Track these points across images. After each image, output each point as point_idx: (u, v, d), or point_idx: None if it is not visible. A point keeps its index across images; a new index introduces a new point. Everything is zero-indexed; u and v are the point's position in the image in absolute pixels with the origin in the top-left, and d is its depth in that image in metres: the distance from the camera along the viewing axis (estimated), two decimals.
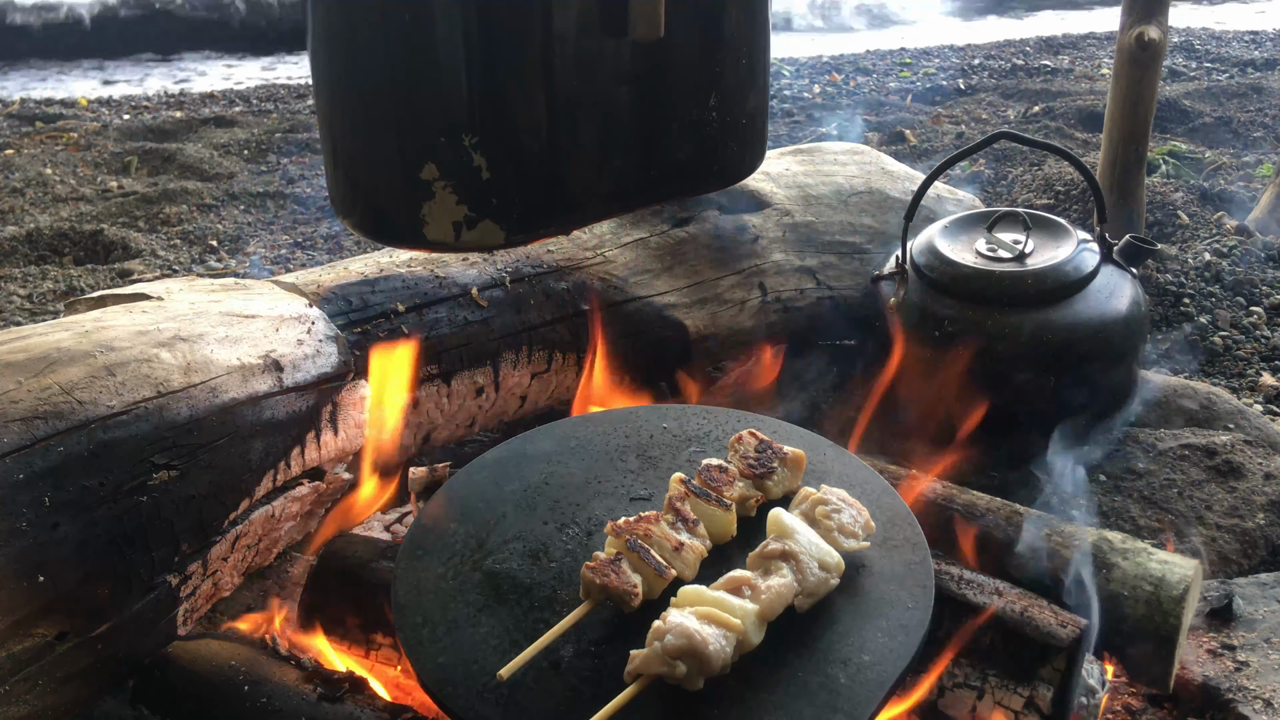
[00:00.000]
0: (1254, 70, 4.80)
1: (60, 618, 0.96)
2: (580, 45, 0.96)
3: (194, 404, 1.10)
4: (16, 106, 4.76)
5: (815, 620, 0.93)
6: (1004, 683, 1.02)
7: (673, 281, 1.64)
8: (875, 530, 1.01)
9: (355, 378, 1.29)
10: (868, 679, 0.87)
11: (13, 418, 0.97)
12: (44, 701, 0.96)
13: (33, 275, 2.65)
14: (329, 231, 3.03)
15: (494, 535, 1.05)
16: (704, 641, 0.84)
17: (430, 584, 0.99)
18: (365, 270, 1.42)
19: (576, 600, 0.94)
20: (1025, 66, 5.11)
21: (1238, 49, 5.39)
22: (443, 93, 0.94)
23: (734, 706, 0.85)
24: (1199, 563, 1.17)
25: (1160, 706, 1.15)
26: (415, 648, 0.92)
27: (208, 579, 1.13)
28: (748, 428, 1.20)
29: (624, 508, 1.08)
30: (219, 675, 1.05)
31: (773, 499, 1.07)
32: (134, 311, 1.20)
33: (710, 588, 0.90)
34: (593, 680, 0.88)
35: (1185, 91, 4.15)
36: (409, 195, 0.98)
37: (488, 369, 1.44)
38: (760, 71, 1.12)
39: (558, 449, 1.20)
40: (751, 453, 1.09)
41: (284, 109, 4.71)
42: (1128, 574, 1.13)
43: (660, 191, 1.12)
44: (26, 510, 0.94)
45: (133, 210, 3.16)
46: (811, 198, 1.84)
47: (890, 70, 5.24)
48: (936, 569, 1.02)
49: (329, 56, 0.99)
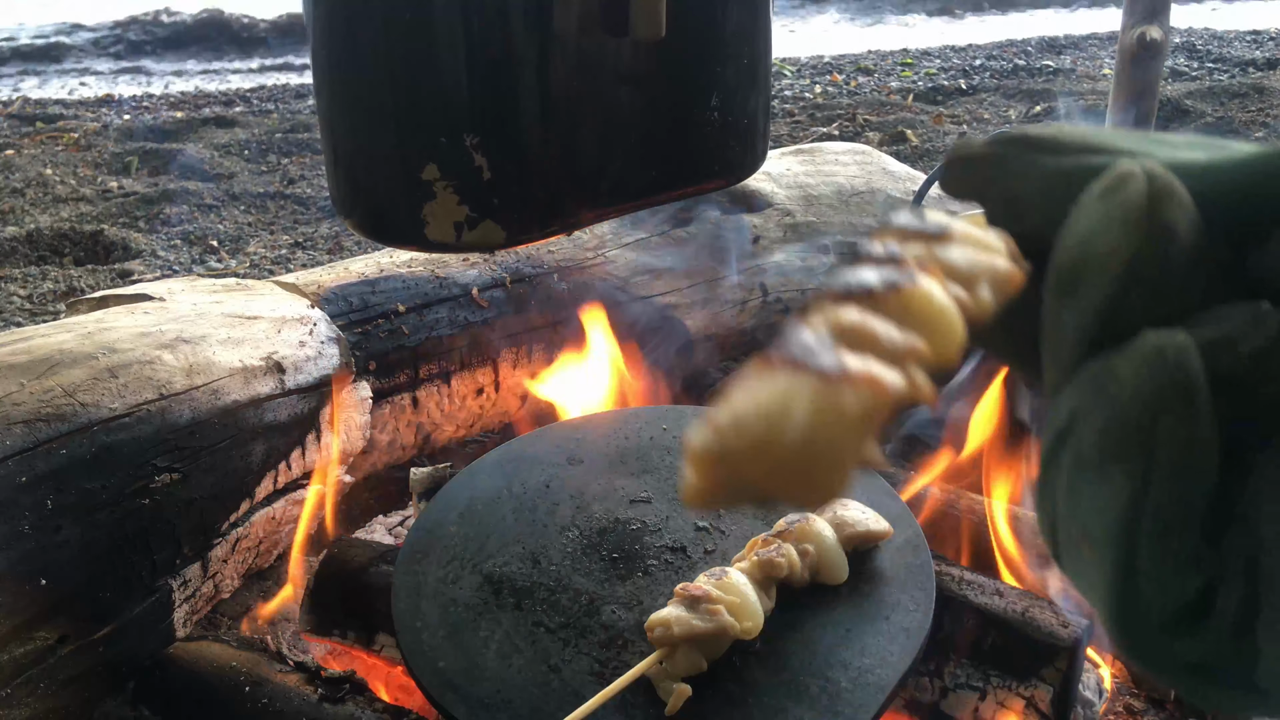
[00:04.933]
0: (1255, 70, 4.80)
1: (62, 621, 0.96)
2: (581, 45, 0.96)
3: (196, 406, 1.10)
4: (16, 106, 4.75)
5: (815, 622, 0.93)
6: (1005, 683, 1.02)
7: (673, 281, 1.64)
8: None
9: (356, 379, 1.29)
10: (868, 682, 0.87)
11: (15, 420, 0.97)
12: (45, 704, 0.96)
13: (33, 275, 2.65)
14: (329, 231, 3.03)
15: (494, 538, 1.05)
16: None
17: (430, 587, 0.99)
18: (365, 270, 1.42)
19: (576, 603, 0.94)
20: (1027, 66, 5.10)
21: (1239, 49, 5.39)
22: (443, 93, 0.94)
23: (733, 710, 0.85)
24: None
25: (1162, 707, 1.15)
26: (415, 652, 0.92)
27: (208, 581, 1.13)
28: None
29: (624, 510, 1.08)
30: (220, 676, 1.05)
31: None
32: (136, 313, 1.20)
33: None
34: (595, 685, 0.88)
35: (1187, 91, 4.15)
36: (410, 195, 0.97)
37: (489, 369, 1.44)
38: (762, 71, 1.12)
39: (558, 450, 1.20)
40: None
41: (284, 109, 4.71)
42: None
43: (661, 191, 1.12)
44: (29, 513, 0.94)
45: (133, 210, 3.15)
46: (812, 198, 1.84)
47: (892, 70, 5.24)
48: (937, 570, 1.02)
49: (329, 57, 0.99)
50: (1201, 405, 0.31)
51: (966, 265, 0.36)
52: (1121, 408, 0.31)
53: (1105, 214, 0.34)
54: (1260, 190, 0.34)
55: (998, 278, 0.36)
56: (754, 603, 0.88)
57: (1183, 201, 0.33)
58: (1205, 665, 0.32)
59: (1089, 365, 0.34)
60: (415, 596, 0.98)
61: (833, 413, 0.29)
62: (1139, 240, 0.33)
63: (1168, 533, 0.31)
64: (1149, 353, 0.31)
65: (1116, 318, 0.33)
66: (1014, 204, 0.40)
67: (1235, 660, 0.31)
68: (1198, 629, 0.31)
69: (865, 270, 0.34)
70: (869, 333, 0.32)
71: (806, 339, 0.31)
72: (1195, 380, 0.31)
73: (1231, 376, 0.31)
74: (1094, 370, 0.33)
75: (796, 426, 0.29)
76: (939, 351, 0.33)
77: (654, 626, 0.85)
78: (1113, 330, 0.33)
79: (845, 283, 0.34)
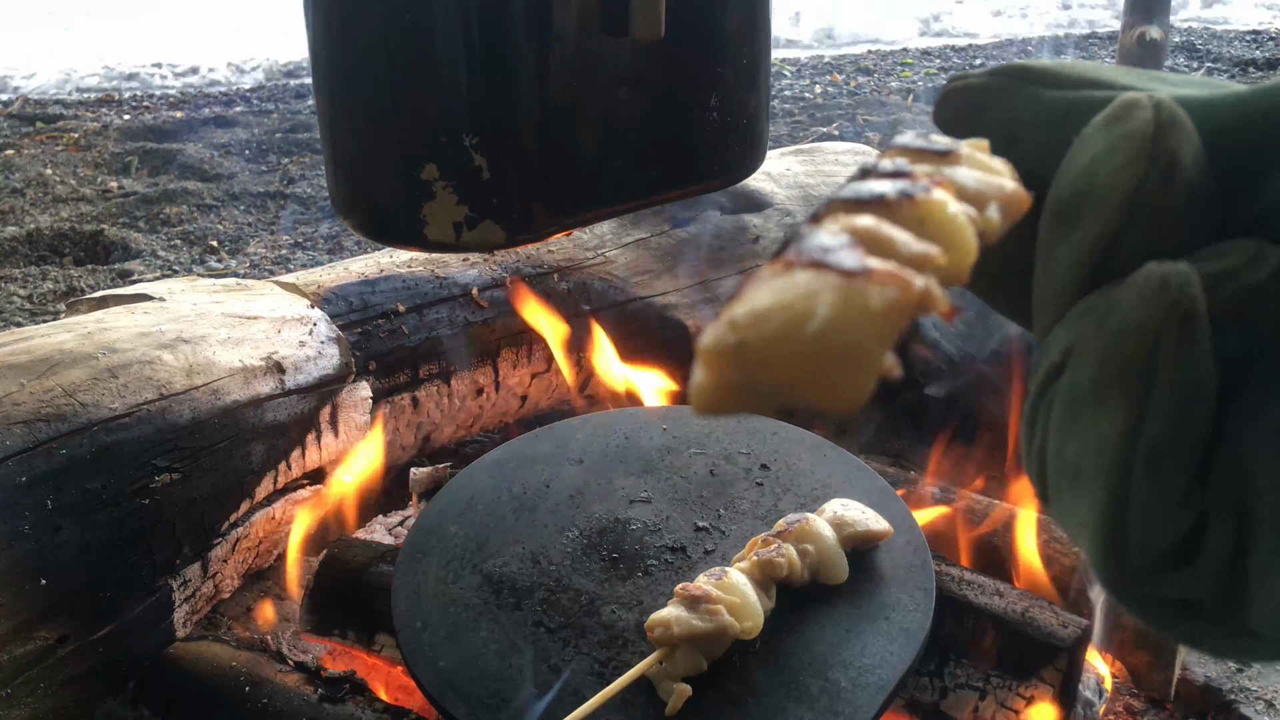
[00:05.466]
0: (1255, 70, 4.80)
1: (62, 621, 0.97)
2: (580, 45, 0.96)
3: (196, 406, 1.10)
4: (16, 106, 4.75)
5: (815, 623, 0.93)
6: (1005, 683, 1.02)
7: (673, 282, 1.64)
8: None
9: (356, 379, 1.29)
10: (868, 682, 0.87)
11: (15, 420, 0.97)
12: (45, 704, 0.96)
13: (33, 275, 2.65)
14: (329, 231, 3.03)
15: (494, 538, 1.05)
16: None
17: (430, 587, 0.99)
18: (365, 270, 1.42)
19: (576, 603, 0.94)
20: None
21: (1239, 49, 5.39)
22: (443, 93, 0.94)
23: (733, 710, 0.85)
24: None
25: (1162, 708, 1.15)
26: (415, 652, 0.92)
27: (208, 581, 1.13)
28: (747, 429, 1.20)
29: (624, 510, 1.08)
30: (220, 676, 1.05)
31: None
32: (136, 313, 1.20)
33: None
34: (595, 685, 0.88)
35: None
36: (409, 195, 0.97)
37: (488, 369, 1.44)
38: (761, 71, 1.12)
39: (558, 450, 1.20)
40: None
41: (284, 109, 4.71)
42: None
43: (661, 192, 1.12)
44: (29, 513, 0.94)
45: (133, 210, 3.16)
46: (813, 198, 1.84)
47: (891, 70, 5.23)
48: (937, 570, 1.02)
49: (329, 56, 0.99)
50: (1202, 337, 0.30)
51: (975, 185, 0.35)
52: (1121, 337, 0.31)
53: (1109, 143, 0.33)
54: (1260, 126, 0.33)
55: (1006, 199, 0.35)
56: (754, 603, 0.88)
57: (1188, 133, 0.33)
58: (1194, 604, 0.32)
59: (1084, 300, 0.33)
60: (415, 596, 0.98)
61: (857, 307, 0.28)
62: (1143, 169, 0.32)
63: (1162, 466, 0.30)
64: (1152, 282, 0.31)
65: (1116, 250, 0.33)
66: (1012, 138, 0.39)
67: (1226, 600, 0.31)
68: (1187, 567, 0.31)
69: (875, 181, 0.34)
70: (885, 237, 0.31)
71: (824, 239, 0.30)
72: (1197, 310, 0.30)
73: (1229, 311, 0.31)
74: (1091, 303, 0.33)
75: (819, 320, 0.28)
76: (952, 263, 0.33)
77: (654, 626, 0.85)
78: (1111, 264, 0.33)
79: (856, 191, 0.33)
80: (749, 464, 1.16)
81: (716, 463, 1.16)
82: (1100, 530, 0.31)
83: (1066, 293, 0.34)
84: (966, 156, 0.36)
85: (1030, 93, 0.39)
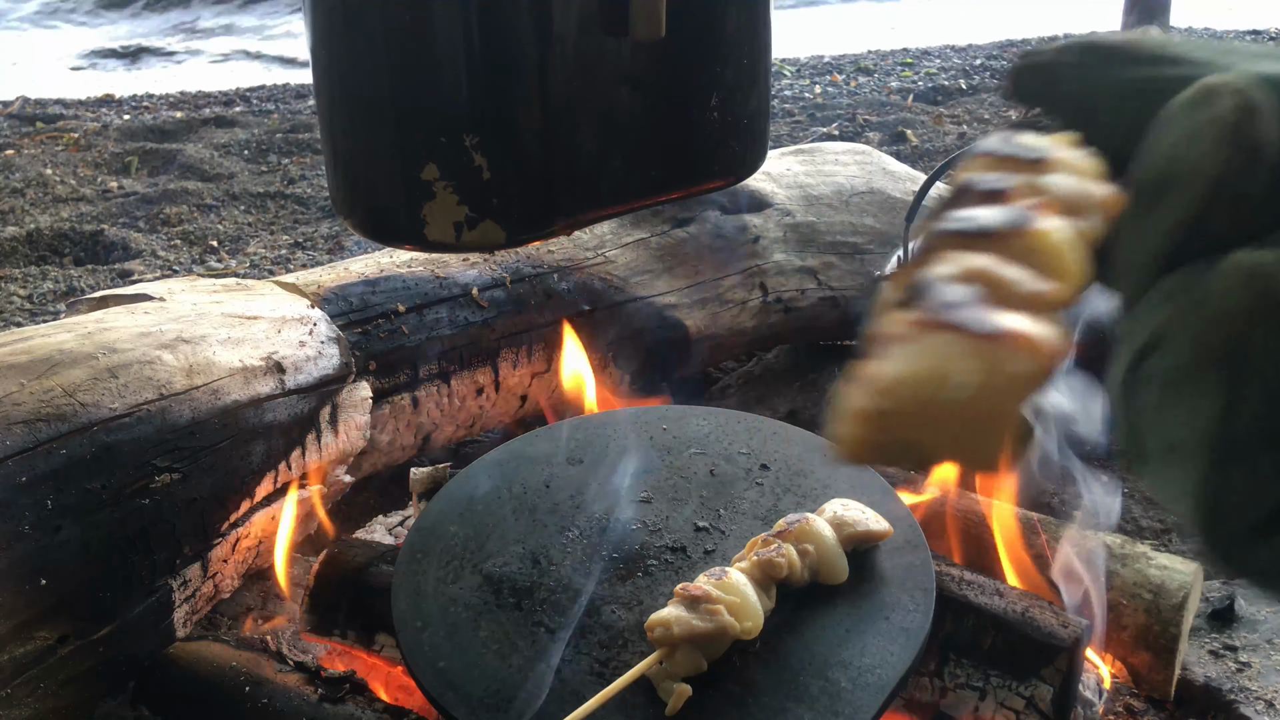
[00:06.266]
0: None
1: (62, 621, 0.97)
2: (580, 45, 0.96)
3: (196, 406, 1.10)
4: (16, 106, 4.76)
5: (815, 623, 0.93)
6: (1005, 683, 1.02)
7: (673, 282, 1.64)
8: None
9: (356, 379, 1.29)
10: (868, 682, 0.87)
11: (15, 420, 0.97)
12: (45, 704, 0.97)
13: (33, 275, 2.65)
14: (329, 231, 3.03)
15: (494, 538, 1.05)
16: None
17: (430, 587, 0.99)
18: (365, 270, 1.42)
19: (576, 603, 0.94)
20: None
21: None
22: (443, 93, 0.94)
23: (733, 710, 0.85)
24: (1199, 566, 1.17)
25: (1162, 708, 1.15)
26: (415, 652, 0.92)
27: (208, 580, 1.13)
28: (748, 429, 1.20)
29: (624, 510, 1.08)
30: (220, 676, 1.05)
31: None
32: (136, 313, 1.20)
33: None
34: (595, 685, 0.88)
35: None
36: (409, 195, 0.97)
37: (488, 369, 1.45)
38: (761, 71, 1.12)
39: (558, 451, 1.20)
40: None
41: (284, 109, 4.71)
42: (1126, 581, 1.13)
43: (662, 192, 1.12)
44: (29, 513, 0.94)
45: (133, 210, 3.16)
46: (812, 198, 1.84)
47: (892, 70, 5.23)
48: (937, 570, 1.02)
49: (329, 56, 0.99)
50: None
51: (1072, 195, 0.36)
52: (1215, 322, 0.33)
53: (1192, 128, 0.34)
54: None
55: (1103, 205, 0.36)
56: (754, 603, 0.88)
57: (1270, 119, 0.34)
58: None
59: (1168, 279, 0.34)
60: (415, 596, 0.98)
61: (994, 378, 0.29)
62: (1227, 156, 0.33)
63: (1256, 444, 0.32)
64: (1243, 270, 0.32)
65: (1199, 232, 0.34)
66: (1085, 113, 0.40)
67: None
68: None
69: (981, 210, 0.34)
70: (1004, 280, 0.32)
71: (951, 294, 0.31)
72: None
73: None
74: (1179, 285, 0.34)
75: (957, 390, 0.29)
76: (1066, 288, 0.34)
77: (654, 626, 0.85)
78: (1193, 245, 0.34)
79: (963, 224, 0.34)
80: (749, 464, 1.16)
81: (716, 463, 1.16)
82: (1200, 502, 0.33)
83: (1150, 269, 0.35)
84: (1057, 161, 0.37)
85: (1104, 69, 0.40)
